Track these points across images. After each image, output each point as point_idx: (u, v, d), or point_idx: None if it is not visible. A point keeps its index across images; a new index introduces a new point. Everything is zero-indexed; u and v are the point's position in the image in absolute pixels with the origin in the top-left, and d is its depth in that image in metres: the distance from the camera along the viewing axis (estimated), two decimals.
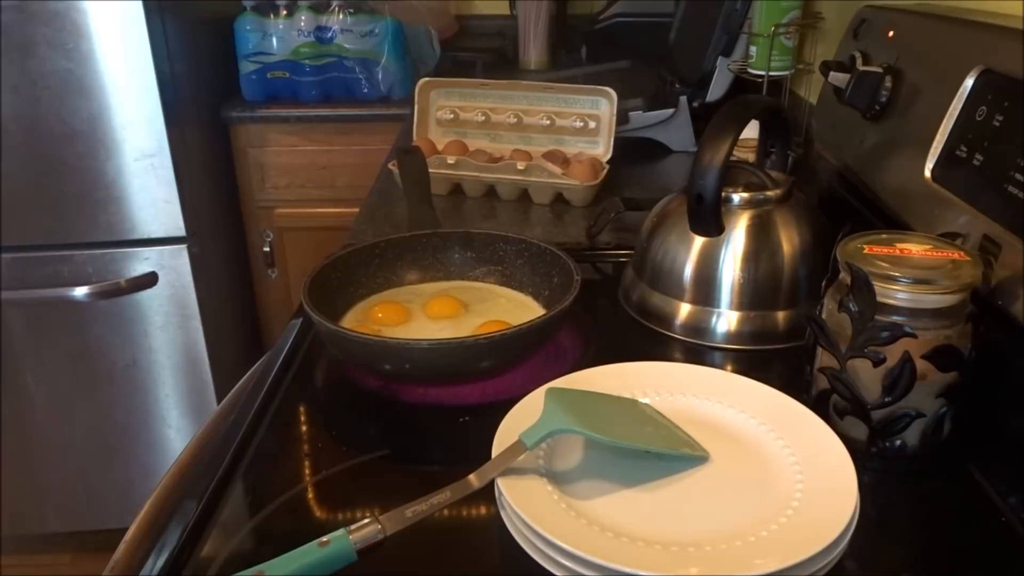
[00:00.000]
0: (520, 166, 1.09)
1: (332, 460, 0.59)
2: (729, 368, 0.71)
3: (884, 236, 0.59)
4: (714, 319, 0.73)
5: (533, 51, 1.92)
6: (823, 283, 0.61)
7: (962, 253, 0.56)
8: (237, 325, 1.86)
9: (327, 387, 0.72)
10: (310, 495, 0.57)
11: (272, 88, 1.75)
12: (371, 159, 1.70)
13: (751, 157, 0.94)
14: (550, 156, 1.13)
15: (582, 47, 1.93)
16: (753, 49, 1.21)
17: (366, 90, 1.76)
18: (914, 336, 0.53)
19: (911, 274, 0.53)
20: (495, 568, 0.51)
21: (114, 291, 1.59)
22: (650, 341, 0.75)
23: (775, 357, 0.72)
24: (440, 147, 1.19)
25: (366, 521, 0.46)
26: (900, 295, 0.53)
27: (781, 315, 0.73)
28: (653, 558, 0.44)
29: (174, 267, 1.61)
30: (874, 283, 0.53)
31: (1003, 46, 0.65)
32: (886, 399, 0.55)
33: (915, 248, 0.57)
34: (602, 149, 1.17)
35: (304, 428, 0.65)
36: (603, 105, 1.17)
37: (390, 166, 1.16)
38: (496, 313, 0.76)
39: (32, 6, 1.40)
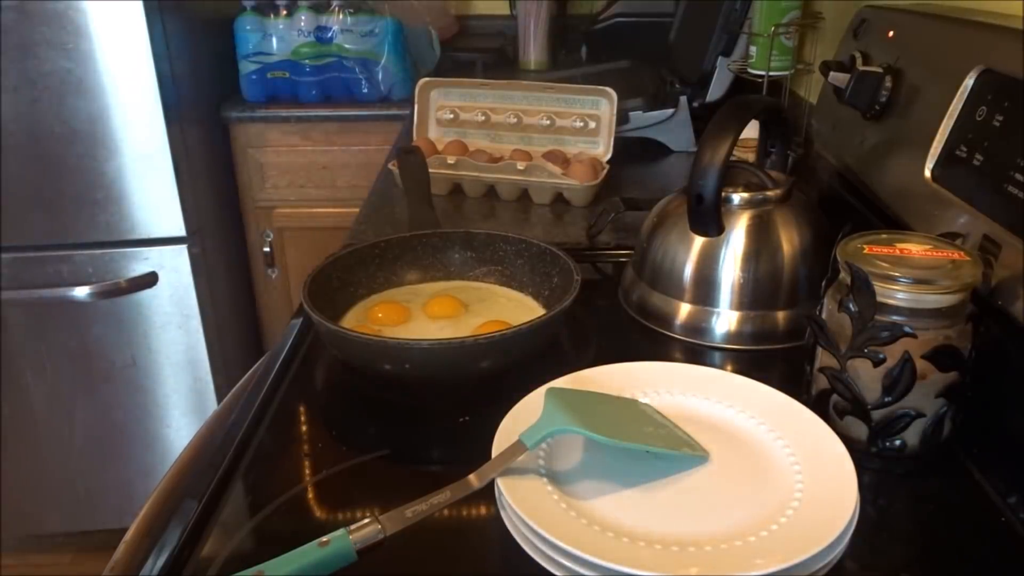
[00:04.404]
0: (520, 166, 1.09)
1: (332, 460, 0.59)
2: (729, 368, 0.70)
3: (884, 236, 0.59)
4: (714, 319, 0.73)
5: (533, 51, 1.92)
6: (823, 283, 0.61)
7: (962, 253, 0.56)
8: (237, 325, 1.86)
9: (327, 387, 0.72)
10: (310, 495, 0.57)
11: (272, 88, 1.75)
12: (371, 159, 1.70)
13: (751, 157, 0.94)
14: (550, 156, 1.13)
15: (582, 47, 1.93)
16: (753, 49, 1.21)
17: (366, 90, 1.76)
18: (914, 336, 0.53)
19: (911, 274, 0.53)
20: (495, 568, 0.51)
21: (114, 291, 1.59)
22: (650, 341, 0.75)
23: (775, 357, 0.72)
24: (440, 147, 1.19)
25: (366, 521, 0.46)
26: (900, 295, 0.53)
27: (781, 315, 0.73)
28: (653, 558, 0.44)
29: (174, 267, 1.61)
30: (874, 283, 0.53)
31: (1003, 46, 0.65)
32: (886, 399, 0.55)
33: (915, 248, 0.57)
34: (602, 149, 1.17)
35: (304, 428, 0.65)
36: (603, 105, 1.17)
37: (390, 166, 1.16)
38: (496, 313, 0.76)
39: (32, 6, 1.40)
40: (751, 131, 0.77)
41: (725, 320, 0.73)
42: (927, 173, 0.71)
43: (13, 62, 1.42)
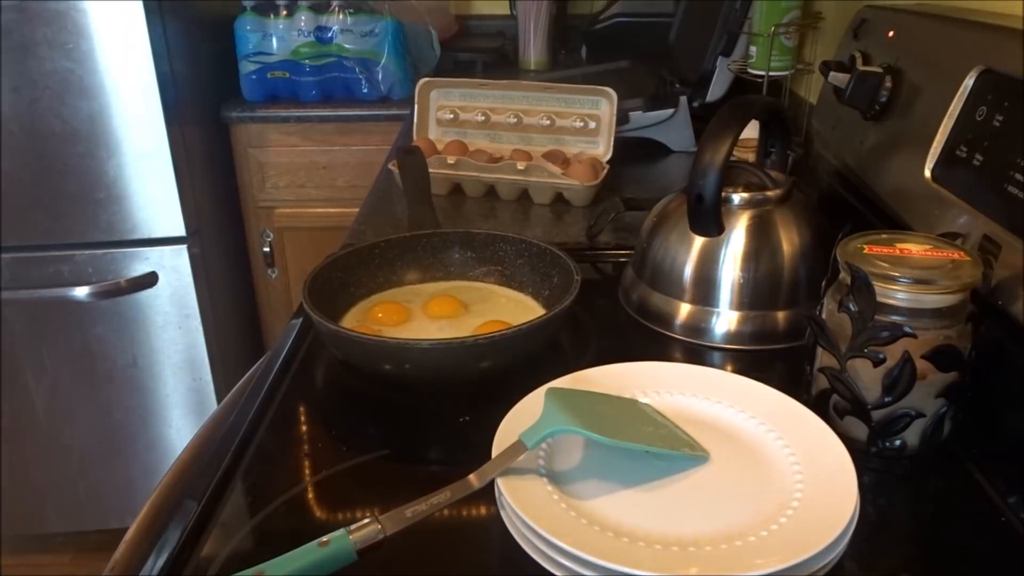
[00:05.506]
0: (520, 166, 1.09)
1: (332, 460, 0.59)
2: (729, 368, 0.70)
3: (884, 236, 0.59)
4: (714, 319, 0.73)
5: (533, 51, 1.93)
6: (823, 283, 0.61)
7: (962, 253, 0.56)
8: (237, 325, 1.86)
9: (327, 387, 0.72)
10: (310, 495, 0.57)
11: (272, 88, 1.75)
12: (371, 159, 1.70)
13: (751, 157, 0.94)
14: (550, 156, 1.13)
15: (582, 47, 1.93)
16: (753, 49, 1.21)
17: (366, 90, 1.76)
18: (914, 336, 0.53)
19: (911, 274, 0.53)
20: (495, 568, 0.51)
21: (114, 291, 1.59)
22: (650, 341, 0.75)
23: (775, 357, 0.72)
24: (440, 147, 1.19)
25: (366, 521, 0.46)
26: (900, 295, 0.53)
27: (781, 315, 0.73)
28: (653, 558, 0.44)
29: (174, 267, 1.61)
30: (874, 283, 0.53)
31: (1003, 46, 0.65)
32: (886, 399, 0.55)
33: (915, 248, 0.57)
34: (602, 149, 1.17)
35: (304, 428, 0.65)
36: (603, 105, 1.17)
37: (390, 166, 1.16)
38: (496, 313, 0.76)
39: (32, 6, 1.40)
40: (751, 131, 0.77)
41: (725, 320, 0.73)
42: (927, 173, 0.71)
43: (13, 62, 1.42)
